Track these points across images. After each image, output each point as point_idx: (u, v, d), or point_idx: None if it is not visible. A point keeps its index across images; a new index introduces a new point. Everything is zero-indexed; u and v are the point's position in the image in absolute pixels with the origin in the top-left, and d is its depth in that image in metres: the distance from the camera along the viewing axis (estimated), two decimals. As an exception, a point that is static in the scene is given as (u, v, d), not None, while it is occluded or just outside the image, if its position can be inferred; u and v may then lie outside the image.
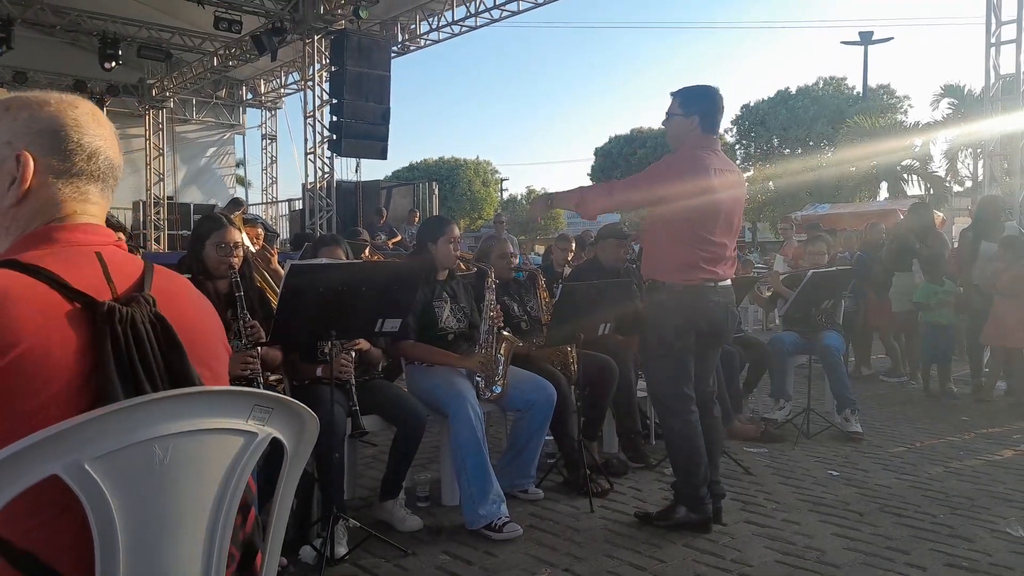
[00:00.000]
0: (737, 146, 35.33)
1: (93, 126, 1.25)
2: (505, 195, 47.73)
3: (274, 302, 3.69)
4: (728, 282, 3.40)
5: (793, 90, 33.74)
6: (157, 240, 18.18)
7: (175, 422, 1.05)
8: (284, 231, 16.73)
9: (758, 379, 5.52)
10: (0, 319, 1.04)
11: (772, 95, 34.29)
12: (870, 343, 7.90)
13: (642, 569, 2.94)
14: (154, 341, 1.14)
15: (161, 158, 18.51)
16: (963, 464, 4.38)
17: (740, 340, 5.32)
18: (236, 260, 3.15)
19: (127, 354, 1.10)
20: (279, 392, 3.38)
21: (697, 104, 3.36)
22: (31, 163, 1.20)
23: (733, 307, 3.47)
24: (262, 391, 1.15)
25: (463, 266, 4.40)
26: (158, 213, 18.11)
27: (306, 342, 3.33)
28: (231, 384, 2.81)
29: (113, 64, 15.05)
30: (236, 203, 10.44)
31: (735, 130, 35.16)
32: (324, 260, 3.18)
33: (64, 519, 1.04)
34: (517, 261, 4.87)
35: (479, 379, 3.66)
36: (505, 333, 3.81)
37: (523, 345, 4.11)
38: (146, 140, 18.46)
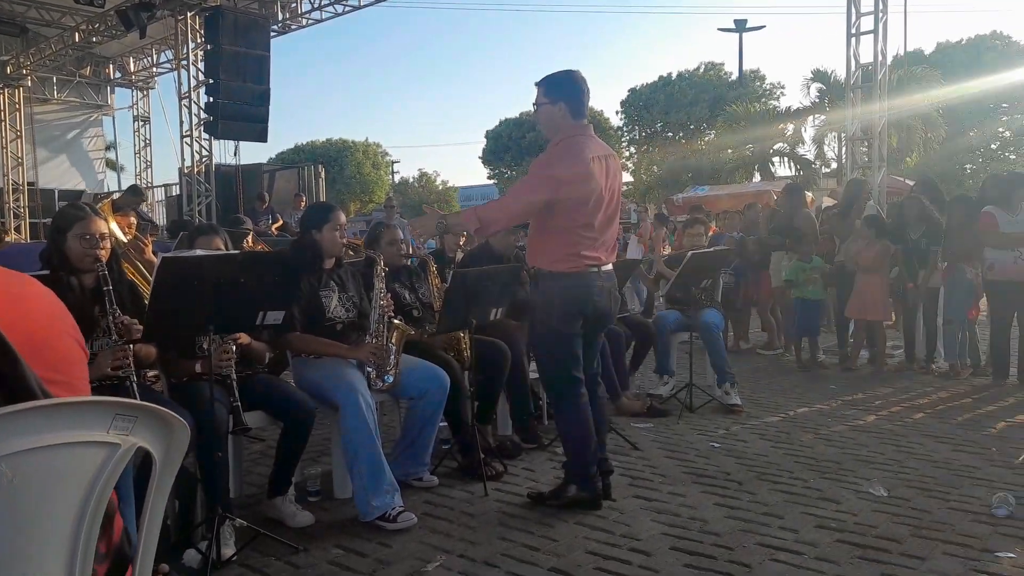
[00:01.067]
0: (623, 129, 36.23)
1: None
2: (396, 178, 47.15)
3: (147, 293, 3.50)
4: (610, 267, 3.48)
5: (674, 75, 34.86)
6: (17, 229, 16.85)
7: (22, 438, 0.97)
8: (161, 218, 15.87)
9: (643, 356, 5.71)
10: None
11: (655, 80, 35.34)
12: (748, 318, 8.33)
13: (535, 550, 2.99)
14: None
15: (19, 140, 17.12)
16: (831, 431, 4.69)
17: (626, 320, 5.48)
18: (103, 252, 2.95)
19: None
20: (157, 390, 3.24)
21: (561, 90, 3.36)
22: None
23: (616, 291, 3.56)
24: (121, 399, 1.08)
25: (351, 252, 4.32)
26: (17, 200, 16.78)
27: (183, 337, 3.17)
28: (102, 385, 2.67)
29: (-41, 39, 13.78)
30: (135, 191, 9.72)
31: (623, 113, 36.02)
32: (199, 252, 3.02)
33: None
34: (408, 248, 4.82)
35: (370, 369, 3.61)
36: (396, 321, 3.75)
37: (415, 332, 4.07)
38: (1, 121, 17.02)
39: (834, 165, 22.86)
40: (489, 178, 39.78)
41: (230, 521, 2.99)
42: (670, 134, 33.97)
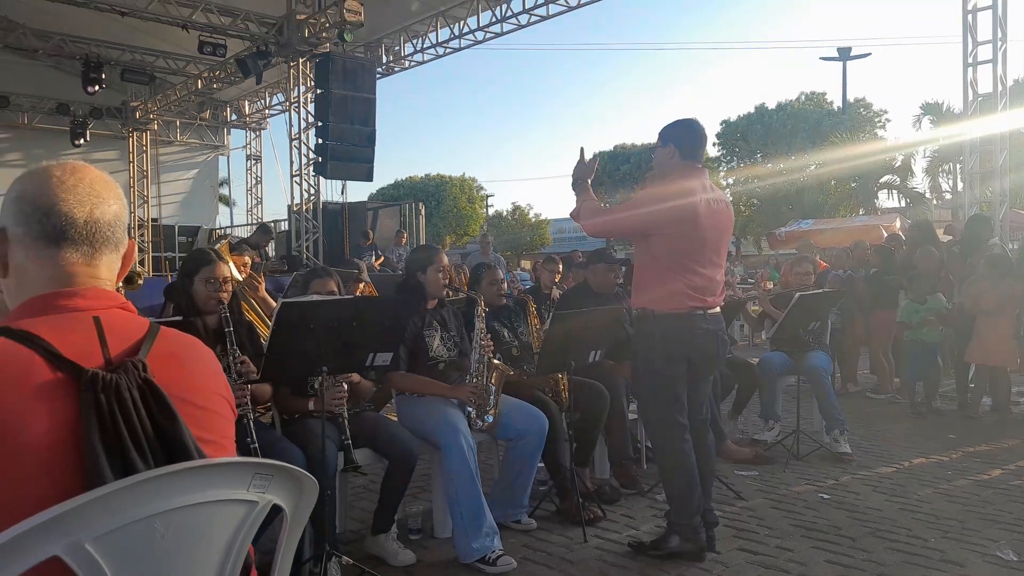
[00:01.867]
0: (720, 161, 35.65)
1: (61, 191, 1.21)
2: (490, 211, 47.80)
3: (262, 331, 3.68)
4: (717, 309, 3.42)
5: (771, 105, 34.13)
6: (142, 263, 18.05)
7: (175, 497, 1.04)
8: (272, 253, 16.64)
9: (747, 400, 5.54)
10: None
11: (751, 111, 34.67)
12: (856, 360, 7.96)
13: (637, 602, 2.93)
14: (142, 408, 1.12)
15: (145, 180, 18.41)
16: (952, 485, 4.41)
17: (728, 361, 5.35)
18: (225, 296, 3.14)
19: (112, 423, 1.08)
20: (268, 426, 3.39)
21: (672, 134, 3.45)
22: (5, 237, 1.21)
23: (723, 334, 3.49)
24: (261, 460, 1.14)
25: (450, 293, 4.41)
26: (142, 235, 17.99)
27: (297, 376, 3.31)
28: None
29: (96, 88, 15.00)
30: (265, 230, 10.27)
31: (718, 145, 35.50)
32: (315, 296, 3.17)
33: None
34: (506, 287, 4.88)
35: (470, 409, 3.66)
36: (496, 361, 3.80)
37: (514, 373, 4.11)
38: (130, 163, 18.36)
39: (948, 197, 21.74)
40: (583, 211, 39.83)
41: (336, 558, 3.08)
42: (769, 165, 33.21)
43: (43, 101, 16.81)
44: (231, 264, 4.86)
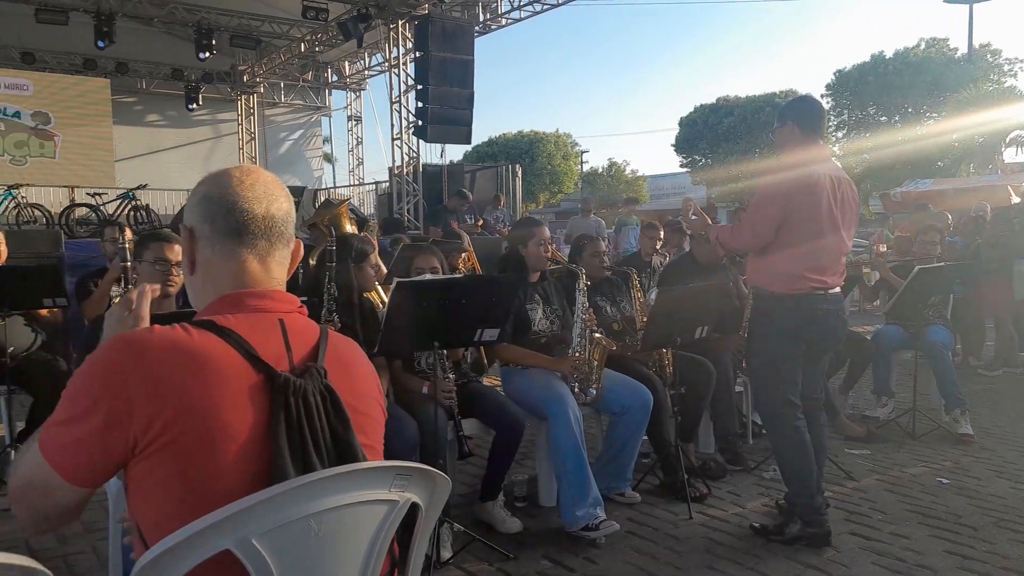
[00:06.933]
0: (831, 114, 33.79)
1: (241, 189, 1.31)
2: (585, 167, 47.10)
3: (374, 299, 3.84)
4: (838, 289, 3.31)
5: (889, 54, 31.98)
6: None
7: (331, 497, 1.11)
8: (372, 213, 17.06)
9: (860, 375, 5.33)
10: (192, 379, 1.12)
11: (867, 60, 32.59)
12: (983, 334, 7.52)
13: (745, 583, 2.92)
14: (323, 413, 1.20)
15: (253, 142, 19.13)
16: (1086, 472, 4.15)
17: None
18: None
19: (298, 426, 1.17)
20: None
21: (790, 111, 3.40)
22: (193, 235, 1.30)
23: (843, 314, 3.37)
24: (402, 463, 1.20)
25: (550, 264, 4.40)
26: (252, 196, 18.73)
27: (408, 351, 3.43)
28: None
29: (208, 54, 15.61)
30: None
31: (830, 97, 33.61)
32: (428, 276, 3.27)
33: None
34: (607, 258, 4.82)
35: (573, 383, 3.68)
36: (598, 336, 3.78)
37: (617, 347, 4.09)
38: (239, 125, 19.11)
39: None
40: (682, 166, 38.65)
41: (448, 524, 3.19)
42: (884, 118, 31.26)
43: (159, 67, 17.64)
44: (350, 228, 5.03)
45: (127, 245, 2.88)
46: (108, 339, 1.23)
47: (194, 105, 18.18)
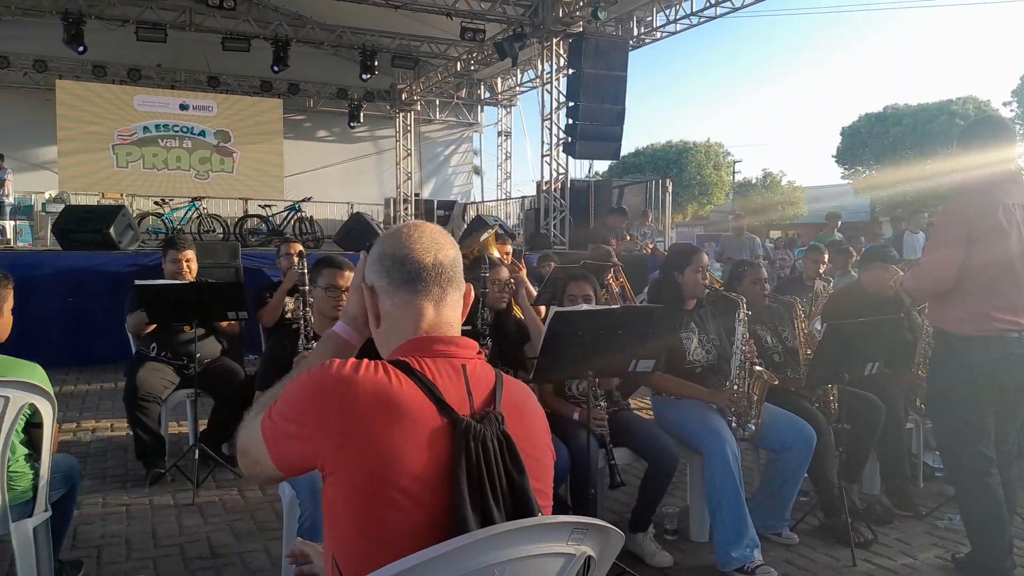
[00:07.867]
0: (1017, 122, 30.83)
1: (410, 242, 1.41)
2: (738, 178, 45.44)
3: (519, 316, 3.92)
4: (1037, 331, 3.02)
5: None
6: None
7: (513, 548, 1.16)
8: (519, 228, 17.34)
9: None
10: (384, 422, 1.21)
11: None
12: None
13: (918, 646, 2.72)
14: (500, 458, 1.25)
15: (409, 158, 20.01)
16: None
17: None
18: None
19: (477, 470, 1.22)
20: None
21: (971, 134, 3.17)
22: (374, 292, 1.41)
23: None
24: (580, 519, 1.22)
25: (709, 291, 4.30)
26: (406, 210, 19.61)
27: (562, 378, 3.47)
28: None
29: (370, 75, 16.53)
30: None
31: (1015, 103, 30.72)
32: (584, 307, 3.29)
33: None
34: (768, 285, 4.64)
35: (730, 417, 3.57)
36: (758, 369, 3.65)
37: (778, 381, 3.93)
38: (396, 142, 20.06)
39: None
40: (843, 178, 36.56)
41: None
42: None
43: (326, 87, 18.85)
44: (496, 252, 5.16)
45: (304, 271, 3.11)
46: (324, 360, 1.33)
47: (355, 123, 19.28)
